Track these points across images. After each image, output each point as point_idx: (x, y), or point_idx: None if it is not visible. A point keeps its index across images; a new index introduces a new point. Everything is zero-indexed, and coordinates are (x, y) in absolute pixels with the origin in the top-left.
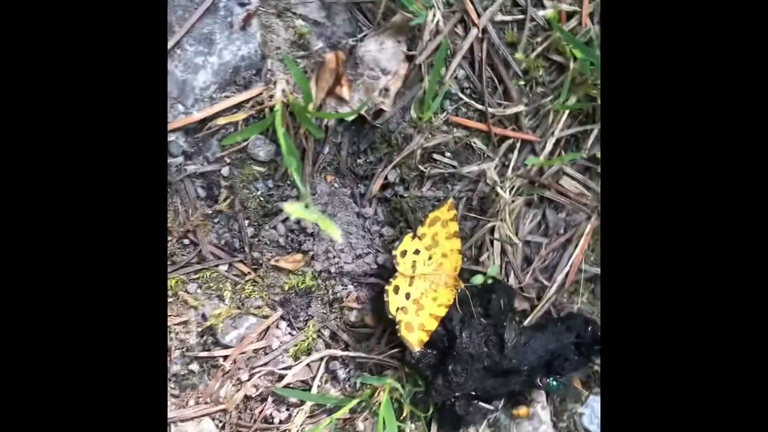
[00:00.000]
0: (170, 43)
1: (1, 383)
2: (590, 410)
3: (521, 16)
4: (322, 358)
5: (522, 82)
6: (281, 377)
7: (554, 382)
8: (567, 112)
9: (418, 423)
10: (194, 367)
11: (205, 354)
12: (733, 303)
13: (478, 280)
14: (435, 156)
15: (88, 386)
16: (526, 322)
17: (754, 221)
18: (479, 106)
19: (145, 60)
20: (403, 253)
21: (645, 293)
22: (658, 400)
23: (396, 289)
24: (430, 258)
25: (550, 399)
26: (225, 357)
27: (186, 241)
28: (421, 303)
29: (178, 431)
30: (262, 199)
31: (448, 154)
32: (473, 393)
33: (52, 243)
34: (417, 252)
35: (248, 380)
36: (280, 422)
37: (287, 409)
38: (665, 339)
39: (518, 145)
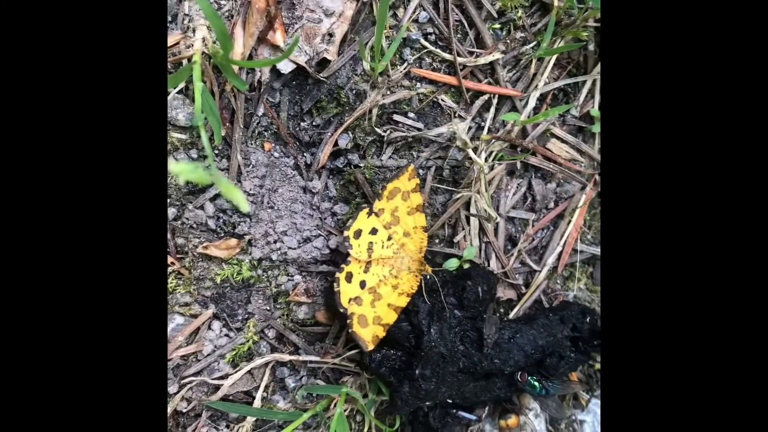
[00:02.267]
0: None
1: None
2: (593, 416)
3: None
4: (266, 364)
5: (497, 26)
6: (217, 388)
7: (536, 382)
8: (553, 60)
9: None
10: None
11: None
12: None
13: (452, 264)
14: (396, 117)
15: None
16: (511, 315)
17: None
18: (447, 56)
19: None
20: (357, 234)
21: (651, 277)
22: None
23: (348, 277)
24: (389, 238)
25: (546, 405)
26: None
27: None
28: (378, 292)
29: None
30: None
31: (411, 114)
32: (450, 401)
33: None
34: (374, 231)
35: (177, 393)
36: None
37: (226, 426)
38: (672, 330)
39: (495, 101)
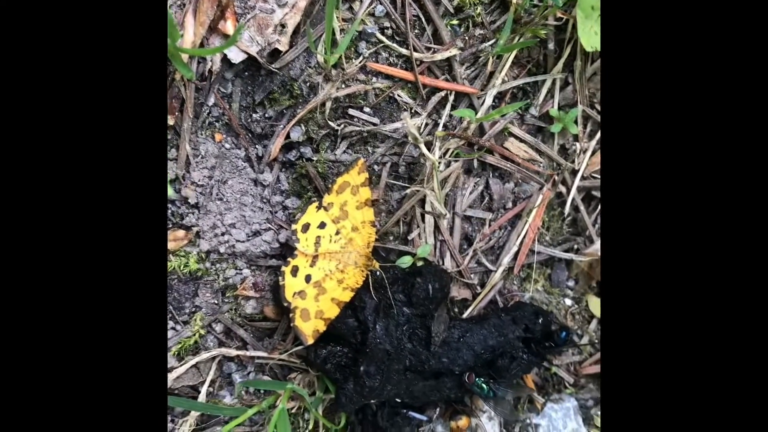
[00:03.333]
0: None
1: None
2: (548, 420)
3: None
4: (213, 359)
5: (455, 22)
6: None
7: (483, 384)
8: (511, 58)
9: None
10: None
11: None
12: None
13: (405, 261)
14: (351, 111)
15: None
16: (465, 314)
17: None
18: (403, 51)
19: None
20: (305, 227)
21: (651, 287)
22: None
23: (294, 271)
24: (337, 233)
25: (498, 409)
26: None
27: None
28: (323, 287)
29: None
30: None
31: (366, 108)
32: (398, 401)
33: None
34: (322, 225)
35: None
36: None
37: (171, 421)
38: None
39: (452, 98)
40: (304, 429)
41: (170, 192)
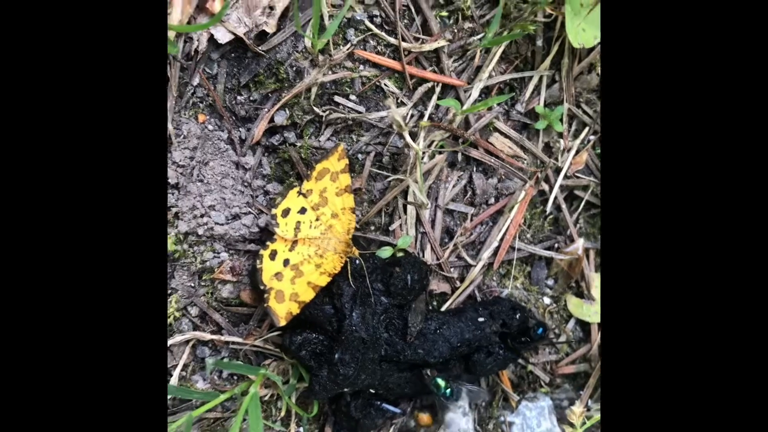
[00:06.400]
0: None
1: None
2: (522, 419)
3: None
4: (187, 342)
5: (445, 13)
6: None
7: (442, 381)
8: (499, 53)
9: (309, 427)
10: None
11: None
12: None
13: (385, 253)
14: (337, 98)
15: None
16: (444, 308)
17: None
18: (392, 40)
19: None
20: (285, 212)
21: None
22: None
23: (272, 255)
24: (317, 219)
25: (474, 404)
26: None
27: None
28: (300, 270)
29: None
30: None
31: (353, 96)
32: (373, 391)
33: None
34: (303, 211)
35: None
36: None
37: None
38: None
39: (438, 89)
40: (276, 417)
41: None
